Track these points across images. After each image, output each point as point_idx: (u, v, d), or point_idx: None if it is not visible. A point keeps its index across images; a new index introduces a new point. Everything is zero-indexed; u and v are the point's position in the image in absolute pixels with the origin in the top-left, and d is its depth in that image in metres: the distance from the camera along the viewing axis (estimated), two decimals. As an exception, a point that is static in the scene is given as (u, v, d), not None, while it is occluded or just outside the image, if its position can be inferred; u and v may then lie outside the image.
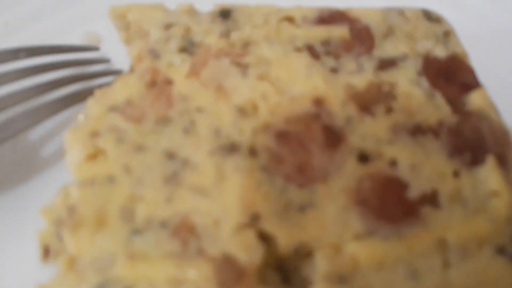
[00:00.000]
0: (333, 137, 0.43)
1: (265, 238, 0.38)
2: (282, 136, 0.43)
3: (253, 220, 0.38)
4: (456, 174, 0.42)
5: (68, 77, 0.55)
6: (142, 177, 0.40)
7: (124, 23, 0.50)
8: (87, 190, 0.39)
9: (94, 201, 0.38)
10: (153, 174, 0.40)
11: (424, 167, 0.42)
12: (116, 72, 0.56)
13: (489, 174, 0.42)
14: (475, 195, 0.41)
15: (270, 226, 0.38)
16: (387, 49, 0.50)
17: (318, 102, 0.45)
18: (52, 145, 0.52)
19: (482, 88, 0.48)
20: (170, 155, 0.41)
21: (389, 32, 0.52)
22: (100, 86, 0.49)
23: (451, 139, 0.44)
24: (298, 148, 0.43)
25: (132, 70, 0.47)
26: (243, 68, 0.47)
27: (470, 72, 0.50)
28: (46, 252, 0.40)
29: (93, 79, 0.56)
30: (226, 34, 0.48)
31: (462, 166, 0.42)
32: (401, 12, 0.53)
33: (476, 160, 0.43)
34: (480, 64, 0.53)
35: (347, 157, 0.42)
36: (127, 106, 0.44)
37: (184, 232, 0.37)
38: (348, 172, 0.41)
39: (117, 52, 0.58)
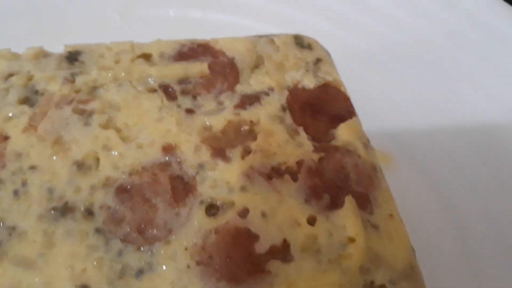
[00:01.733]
0: (182, 189, 0.41)
1: (91, 312, 0.36)
2: (124, 191, 0.41)
3: (80, 292, 0.36)
4: (311, 220, 0.40)
5: None
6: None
7: (-36, 74, 0.47)
8: None
9: None
10: (-24, 245, 0.38)
11: (276, 215, 0.40)
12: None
13: (346, 218, 0.40)
14: (331, 243, 0.39)
15: (98, 298, 0.36)
16: (253, 83, 0.48)
17: (169, 149, 0.43)
18: None
19: (354, 119, 0.47)
20: (-5, 223, 0.39)
21: (258, 63, 0.50)
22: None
23: (310, 181, 0.42)
24: (142, 204, 0.40)
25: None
26: (86, 116, 0.44)
27: (343, 101, 0.49)
28: None
29: None
30: (71, 80, 0.46)
31: (319, 211, 0.41)
32: (271, 40, 0.52)
33: (335, 203, 0.41)
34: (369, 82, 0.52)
35: (195, 211, 0.40)
36: (-45, 172, 0.41)
37: (-3, 313, 0.35)
38: (195, 227, 0.39)
39: None
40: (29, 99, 0.46)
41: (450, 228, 0.50)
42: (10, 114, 0.44)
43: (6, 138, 0.43)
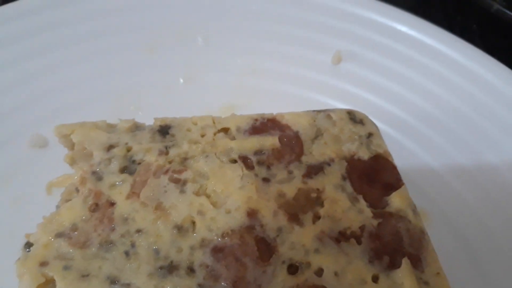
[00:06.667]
0: (266, 249, 0.50)
1: None
2: (219, 251, 0.49)
3: None
4: (375, 278, 0.49)
5: None
6: (88, 305, 0.46)
7: (68, 143, 0.56)
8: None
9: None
10: (98, 301, 0.46)
11: (347, 274, 0.49)
12: None
13: (404, 277, 0.49)
14: (393, 298, 0.48)
15: None
16: (315, 154, 0.57)
17: (252, 214, 0.51)
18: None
19: (402, 188, 0.56)
20: (113, 281, 0.47)
21: (317, 134, 0.59)
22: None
23: (372, 244, 0.51)
24: (234, 262, 0.49)
25: (77, 191, 0.52)
26: (181, 184, 0.53)
27: (392, 170, 0.58)
28: None
29: None
30: (165, 152, 0.55)
31: (381, 271, 0.49)
32: (328, 115, 0.61)
33: (393, 263, 0.50)
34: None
35: (278, 269, 0.49)
36: (73, 232, 0.49)
37: None
38: (279, 284, 0.48)
39: (63, 153, 0.63)
40: (127, 167, 0.54)
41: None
42: (117, 183, 0.53)
43: (112, 204, 0.52)
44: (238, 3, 0.79)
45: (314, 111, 0.61)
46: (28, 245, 0.49)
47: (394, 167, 0.58)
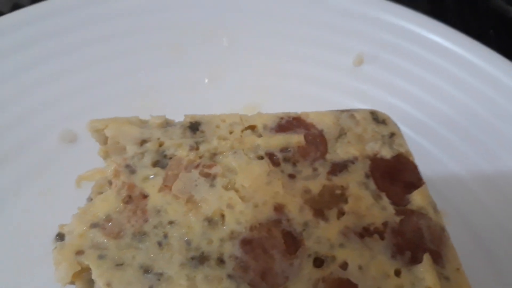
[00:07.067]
0: (293, 243, 0.52)
1: None
2: (247, 243, 0.51)
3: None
4: (397, 273, 0.51)
5: None
6: (122, 293, 0.48)
7: (102, 137, 0.58)
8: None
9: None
10: (132, 289, 0.48)
11: (370, 268, 0.50)
12: None
13: (425, 272, 0.50)
14: (414, 292, 0.50)
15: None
16: (339, 152, 0.59)
17: (279, 208, 0.53)
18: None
19: (423, 187, 0.57)
20: (147, 270, 0.49)
21: (341, 133, 0.61)
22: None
23: (394, 240, 0.53)
24: (262, 254, 0.50)
25: (109, 184, 0.54)
26: (211, 178, 0.55)
27: (413, 169, 0.60)
28: None
29: None
30: (195, 147, 0.57)
31: (403, 265, 0.51)
32: (351, 115, 0.63)
33: (415, 259, 0.52)
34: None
35: (304, 262, 0.50)
36: (107, 222, 0.51)
37: None
38: (306, 276, 0.50)
39: (92, 148, 0.64)
40: (159, 162, 0.56)
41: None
42: (150, 176, 0.55)
43: (145, 196, 0.54)
44: (262, 5, 0.81)
45: (338, 110, 0.63)
46: (60, 236, 0.51)
47: (415, 167, 0.60)
